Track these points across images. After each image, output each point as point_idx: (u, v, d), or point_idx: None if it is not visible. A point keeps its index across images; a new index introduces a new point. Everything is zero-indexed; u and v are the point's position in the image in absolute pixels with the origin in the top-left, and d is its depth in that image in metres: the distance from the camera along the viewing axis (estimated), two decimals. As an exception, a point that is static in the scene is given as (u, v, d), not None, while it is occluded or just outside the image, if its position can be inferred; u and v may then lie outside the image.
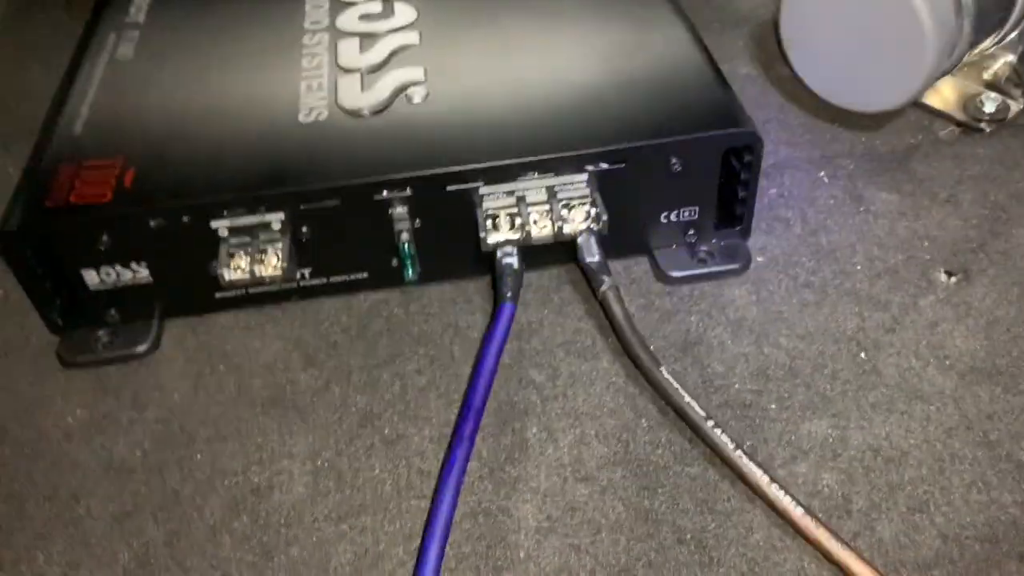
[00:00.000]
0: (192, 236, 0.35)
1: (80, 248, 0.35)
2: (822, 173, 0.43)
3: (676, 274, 0.38)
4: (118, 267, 0.36)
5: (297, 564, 0.31)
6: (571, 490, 0.32)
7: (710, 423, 0.31)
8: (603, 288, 0.35)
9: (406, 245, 0.37)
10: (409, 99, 0.38)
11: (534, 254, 0.37)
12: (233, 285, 0.36)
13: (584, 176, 0.35)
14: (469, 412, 0.32)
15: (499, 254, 0.36)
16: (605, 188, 0.36)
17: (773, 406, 0.34)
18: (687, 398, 0.32)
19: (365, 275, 0.38)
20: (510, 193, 0.36)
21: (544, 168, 0.35)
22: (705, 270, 0.38)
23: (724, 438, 0.31)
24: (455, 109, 0.37)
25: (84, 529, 0.32)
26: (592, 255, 0.35)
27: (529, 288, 0.39)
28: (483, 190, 0.35)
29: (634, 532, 0.31)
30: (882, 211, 0.41)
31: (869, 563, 0.28)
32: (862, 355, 0.35)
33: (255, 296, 0.38)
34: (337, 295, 0.39)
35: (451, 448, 0.32)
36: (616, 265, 0.39)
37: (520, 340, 0.37)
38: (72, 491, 0.33)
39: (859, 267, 0.39)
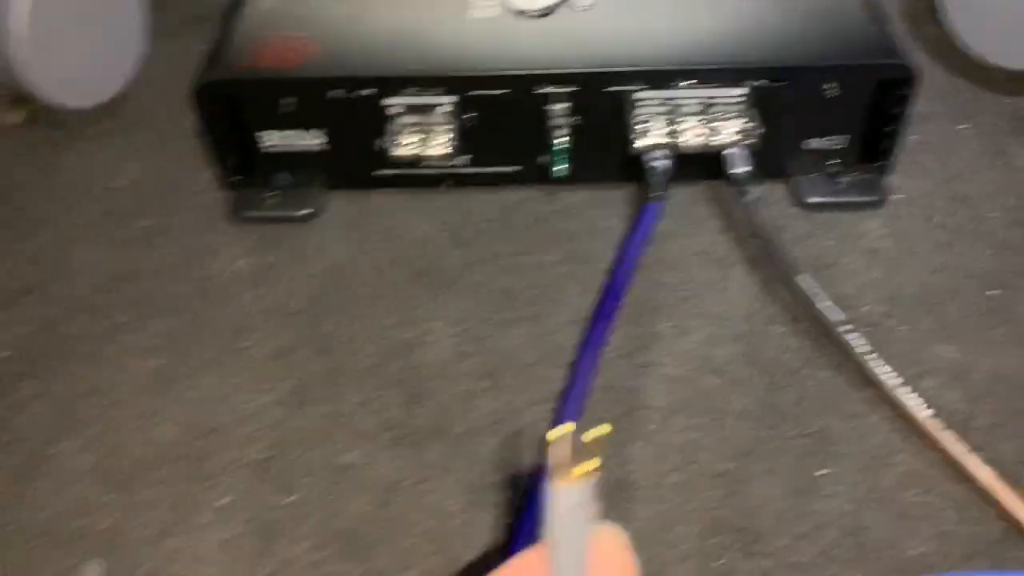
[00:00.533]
0: (366, 110, 0.38)
1: (262, 110, 0.38)
2: (965, 126, 0.44)
3: (814, 200, 0.39)
4: (294, 132, 0.39)
5: (442, 409, 0.33)
6: (700, 379, 0.34)
7: (846, 327, 0.33)
8: (749, 197, 0.36)
9: (560, 142, 0.39)
10: (577, 4, 0.40)
11: (680, 165, 0.39)
12: (398, 162, 0.38)
13: (741, 90, 0.37)
14: (612, 291, 0.34)
15: (649, 157, 0.38)
16: (759, 107, 0.37)
17: (901, 328, 0.35)
18: (825, 302, 0.33)
19: (517, 169, 0.40)
20: (667, 100, 0.37)
21: (706, 78, 0.37)
22: (843, 199, 0.39)
23: (859, 341, 0.32)
24: (621, 16, 0.39)
25: (248, 359, 0.35)
26: (740, 166, 0.37)
27: (670, 201, 0.40)
28: (641, 94, 0.37)
29: (759, 422, 0.33)
30: (1023, 166, 0.42)
31: (990, 467, 0.29)
32: (993, 292, 0.36)
33: (413, 178, 0.41)
34: (487, 186, 0.41)
35: (592, 322, 0.34)
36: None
37: (656, 245, 0.39)
38: (238, 327, 0.36)
39: (995, 214, 0.40)
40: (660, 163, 0.38)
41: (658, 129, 0.38)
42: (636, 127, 0.38)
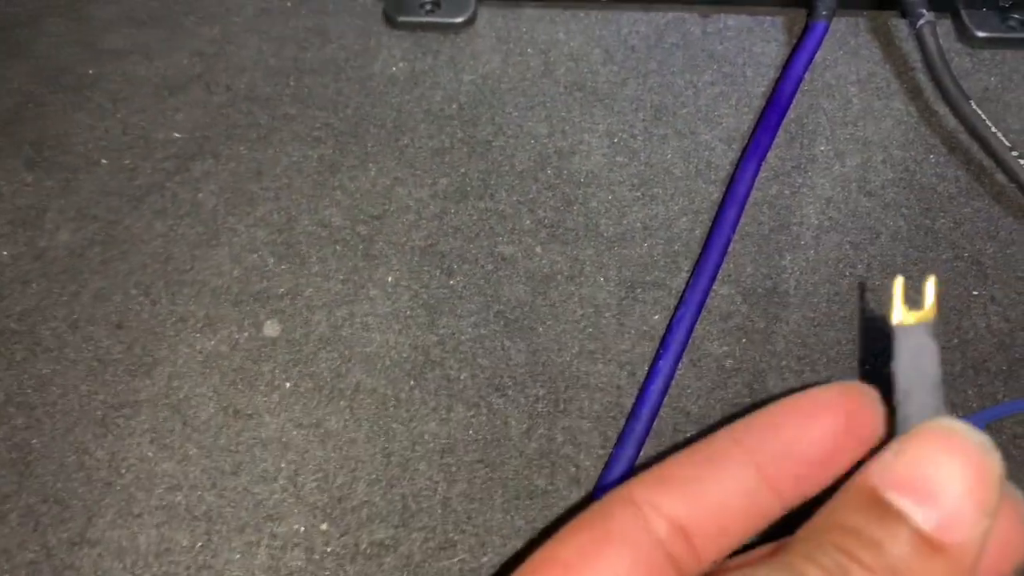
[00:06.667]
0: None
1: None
2: None
3: (983, 35, 0.38)
4: (456, -63, 0.39)
5: (594, 214, 0.34)
6: (855, 200, 0.34)
7: (1014, 153, 0.32)
8: (921, 22, 0.35)
9: (724, -41, 0.38)
10: None
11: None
12: (557, -30, 0.38)
13: (924, -93, 0.35)
14: (776, 105, 0.34)
15: (820, -25, 0.37)
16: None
17: (1067, 165, 0.35)
18: (992, 128, 0.33)
19: (674, -14, 0.40)
20: (843, -82, 0.36)
21: None
22: (1014, 35, 0.38)
23: (1027, 168, 0.32)
24: None
25: (408, 156, 0.36)
26: (915, -11, 0.36)
27: (829, 30, 0.39)
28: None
29: (913, 243, 0.33)
30: None
31: None
32: None
33: (567, -10, 0.40)
34: (641, 3, 0.41)
35: (754, 135, 0.34)
36: (920, 19, 0.39)
37: (813, 73, 0.38)
38: (397, 125, 0.37)
39: None
40: (830, -18, 0.37)
41: (830, -52, 0.36)
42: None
